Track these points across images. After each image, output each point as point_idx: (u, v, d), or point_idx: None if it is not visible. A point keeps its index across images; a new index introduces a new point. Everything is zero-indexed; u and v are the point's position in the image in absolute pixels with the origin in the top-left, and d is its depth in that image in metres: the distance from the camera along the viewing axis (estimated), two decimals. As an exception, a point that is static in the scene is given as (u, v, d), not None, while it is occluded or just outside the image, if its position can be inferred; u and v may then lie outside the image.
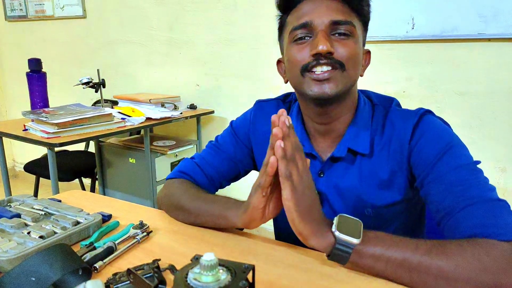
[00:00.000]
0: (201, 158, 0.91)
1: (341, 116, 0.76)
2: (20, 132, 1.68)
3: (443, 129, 0.73)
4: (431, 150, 0.69)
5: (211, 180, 0.89)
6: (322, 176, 0.80)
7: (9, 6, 3.09)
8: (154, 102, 2.11)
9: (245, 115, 0.94)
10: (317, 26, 0.68)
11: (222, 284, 0.42)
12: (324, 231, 0.61)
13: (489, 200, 0.61)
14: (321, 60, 0.68)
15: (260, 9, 2.09)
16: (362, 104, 0.78)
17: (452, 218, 0.62)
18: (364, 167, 0.77)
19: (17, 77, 3.16)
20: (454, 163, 0.67)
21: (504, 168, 1.68)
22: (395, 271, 0.57)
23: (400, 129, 0.74)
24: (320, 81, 0.69)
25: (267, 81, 2.16)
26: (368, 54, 0.79)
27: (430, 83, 1.76)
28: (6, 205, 0.85)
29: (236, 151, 0.91)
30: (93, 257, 0.64)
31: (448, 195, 0.64)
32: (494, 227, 0.57)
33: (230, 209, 0.73)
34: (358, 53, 0.71)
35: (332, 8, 0.69)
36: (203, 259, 0.43)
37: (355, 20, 0.71)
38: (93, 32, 2.76)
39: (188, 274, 0.44)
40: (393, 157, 0.75)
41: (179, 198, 0.83)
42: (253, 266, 0.47)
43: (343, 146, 0.77)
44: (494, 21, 1.57)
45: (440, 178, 0.66)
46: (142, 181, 2.09)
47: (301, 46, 0.71)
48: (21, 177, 3.42)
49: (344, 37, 0.69)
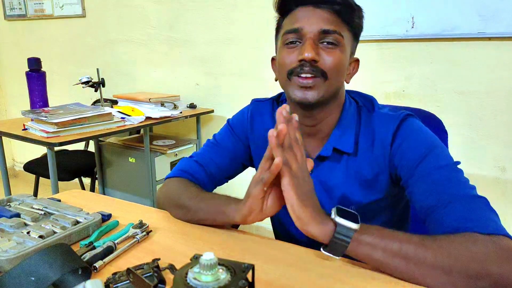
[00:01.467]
0: (200, 155, 0.93)
1: (326, 118, 0.81)
2: (19, 132, 1.68)
3: (424, 131, 0.77)
4: (414, 152, 0.73)
5: (211, 177, 0.91)
6: (311, 173, 0.82)
7: (9, 5, 3.08)
8: (153, 102, 2.11)
9: (242, 112, 0.97)
10: (306, 33, 0.73)
11: (222, 284, 0.42)
12: (324, 218, 0.63)
13: (470, 197, 0.65)
14: (305, 67, 0.73)
15: (260, 9, 2.09)
16: (347, 105, 0.83)
17: (436, 214, 0.66)
18: (349, 166, 0.81)
19: (17, 77, 3.16)
20: (436, 163, 0.70)
21: (504, 168, 1.68)
22: (392, 260, 0.59)
23: (381, 132, 0.78)
24: (303, 87, 0.74)
25: (267, 80, 2.15)
26: (356, 63, 0.84)
27: (429, 82, 1.76)
28: (5, 204, 0.85)
29: (234, 146, 0.93)
30: (92, 257, 0.64)
31: (431, 193, 0.68)
32: (475, 221, 0.60)
33: (228, 204, 0.74)
34: (342, 63, 0.75)
35: (323, 18, 0.73)
36: (202, 259, 0.42)
37: (344, 31, 0.75)
38: (93, 31, 2.75)
39: (188, 274, 0.43)
40: (375, 159, 0.79)
41: (178, 196, 0.84)
42: (253, 265, 0.47)
43: (329, 146, 0.81)
44: (494, 20, 1.56)
45: (423, 178, 0.70)
46: (142, 181, 2.09)
47: (291, 50, 0.75)
48: (21, 176, 3.42)
49: (331, 46, 0.73)
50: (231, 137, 0.94)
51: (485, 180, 1.69)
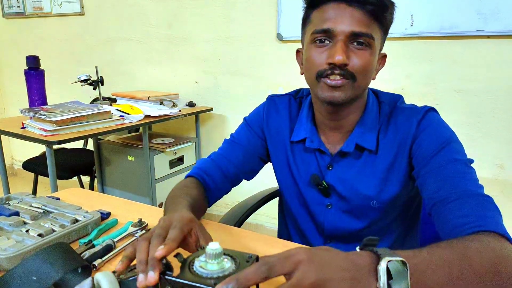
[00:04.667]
0: (217, 154, 0.94)
1: (350, 115, 0.81)
2: (18, 130, 1.68)
3: (444, 126, 0.77)
4: (431, 143, 0.74)
5: (227, 173, 0.90)
6: (331, 169, 0.84)
7: (7, 3, 3.07)
8: (152, 100, 2.11)
9: (258, 109, 0.97)
10: (337, 35, 0.71)
11: (226, 272, 0.44)
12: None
13: (479, 195, 0.65)
14: (335, 70, 0.72)
15: (259, 7, 2.09)
16: (371, 103, 0.83)
17: (444, 207, 0.65)
18: (370, 163, 0.81)
19: (15, 75, 3.15)
20: (451, 157, 0.71)
21: (502, 165, 1.68)
22: (450, 271, 0.48)
23: (405, 126, 0.78)
24: (332, 87, 0.73)
25: (266, 79, 2.15)
26: (383, 58, 0.83)
27: (429, 81, 1.76)
28: (4, 203, 0.84)
29: (250, 141, 0.93)
30: (92, 255, 0.64)
31: (442, 185, 0.68)
32: (482, 219, 0.60)
33: (168, 211, 0.70)
34: (371, 65, 0.74)
35: (355, 18, 0.70)
36: (208, 248, 0.45)
37: (375, 31, 0.73)
38: (91, 29, 2.75)
39: (194, 262, 0.46)
40: (397, 153, 0.79)
41: (170, 195, 0.83)
42: (257, 255, 0.48)
43: (351, 142, 0.81)
44: (493, 18, 1.57)
45: (436, 170, 0.70)
46: (141, 179, 2.09)
47: (320, 49, 0.73)
48: (20, 175, 3.42)
49: (362, 48, 0.72)
50: (247, 132, 0.94)
51: (484, 178, 1.69)
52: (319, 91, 0.75)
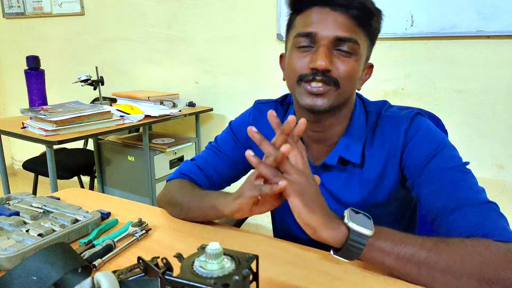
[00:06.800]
0: (201, 159, 0.92)
1: (334, 125, 0.78)
2: (18, 130, 1.68)
3: (433, 131, 0.74)
4: (421, 151, 0.71)
5: (211, 181, 0.90)
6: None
7: (7, 3, 3.07)
8: (152, 100, 2.11)
9: (244, 116, 0.94)
10: (320, 39, 0.68)
11: (226, 272, 0.44)
12: (335, 223, 0.60)
13: (479, 203, 0.63)
14: (317, 76, 0.69)
15: (259, 7, 2.09)
16: (357, 112, 0.79)
17: (444, 219, 0.64)
18: (356, 175, 0.78)
19: (15, 75, 3.16)
20: (445, 164, 0.68)
21: (501, 165, 1.68)
22: (404, 266, 0.57)
23: (392, 136, 0.75)
24: (313, 94, 0.70)
25: (266, 79, 2.15)
26: (370, 68, 0.80)
27: (428, 81, 1.76)
28: (4, 203, 0.85)
29: (235, 151, 0.91)
30: (92, 255, 0.64)
31: (439, 195, 0.66)
32: (487, 228, 0.59)
33: (218, 198, 0.72)
34: (356, 72, 0.71)
35: (339, 23, 0.68)
36: (208, 248, 0.45)
37: (360, 37, 0.70)
38: (91, 29, 2.75)
39: (194, 262, 0.46)
40: (385, 165, 0.76)
41: (173, 194, 0.84)
42: (257, 256, 0.48)
43: (334, 154, 0.78)
44: (493, 18, 1.57)
45: (431, 179, 0.68)
46: (141, 179, 2.09)
47: (303, 54, 0.71)
48: (20, 175, 3.42)
49: (346, 55, 0.69)
50: (232, 141, 0.92)
51: (483, 178, 1.69)
52: (299, 97, 0.72)
